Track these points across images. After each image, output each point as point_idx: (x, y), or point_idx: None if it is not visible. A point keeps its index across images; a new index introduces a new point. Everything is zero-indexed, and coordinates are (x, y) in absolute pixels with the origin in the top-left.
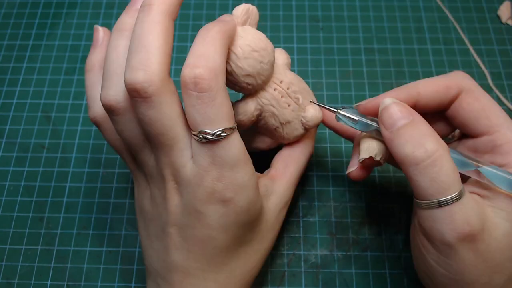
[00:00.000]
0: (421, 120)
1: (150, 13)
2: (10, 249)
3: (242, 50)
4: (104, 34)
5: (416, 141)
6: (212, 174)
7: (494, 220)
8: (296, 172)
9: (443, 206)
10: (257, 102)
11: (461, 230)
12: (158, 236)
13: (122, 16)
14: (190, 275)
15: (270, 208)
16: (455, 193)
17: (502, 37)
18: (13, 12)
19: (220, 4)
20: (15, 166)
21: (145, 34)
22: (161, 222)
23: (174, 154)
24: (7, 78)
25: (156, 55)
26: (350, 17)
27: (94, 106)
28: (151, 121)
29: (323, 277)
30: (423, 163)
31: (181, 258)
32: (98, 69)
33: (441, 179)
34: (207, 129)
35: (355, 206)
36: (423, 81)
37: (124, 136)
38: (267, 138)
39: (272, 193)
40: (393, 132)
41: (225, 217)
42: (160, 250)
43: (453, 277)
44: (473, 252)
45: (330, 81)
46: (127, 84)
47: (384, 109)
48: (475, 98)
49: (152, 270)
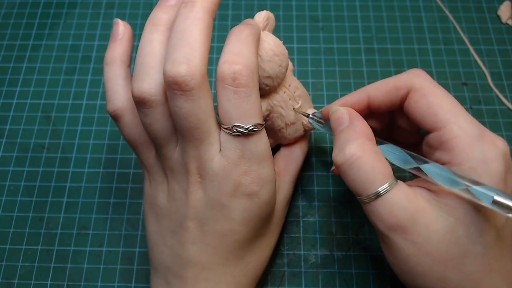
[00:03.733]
0: (355, 124)
1: (193, 9)
2: (10, 249)
3: (266, 53)
4: (125, 28)
5: (340, 146)
6: (240, 168)
7: (434, 214)
8: (296, 170)
9: (370, 201)
10: (268, 103)
11: (386, 222)
12: (173, 231)
13: (156, 11)
14: (206, 269)
15: (278, 203)
16: (376, 189)
17: (502, 37)
18: (13, 12)
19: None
20: (15, 166)
21: (188, 29)
22: (178, 217)
23: (203, 147)
24: (7, 78)
25: (198, 51)
26: (350, 17)
27: (114, 99)
28: (187, 114)
29: (323, 277)
30: (342, 166)
31: (198, 253)
32: (120, 62)
33: (361, 180)
34: (241, 123)
35: (355, 206)
36: (375, 83)
37: (152, 129)
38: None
39: (279, 189)
40: (334, 136)
41: (248, 211)
42: (174, 245)
43: (401, 266)
44: (410, 243)
45: (330, 81)
46: (169, 76)
47: (331, 114)
48: (422, 96)
49: (161, 267)
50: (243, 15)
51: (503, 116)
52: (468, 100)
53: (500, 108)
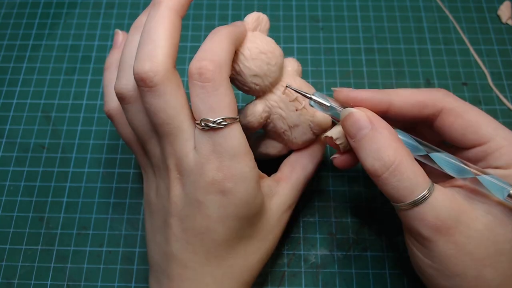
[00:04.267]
0: (380, 127)
1: (159, 9)
2: (10, 249)
3: (250, 51)
4: (123, 38)
5: (375, 154)
6: (212, 163)
7: (474, 213)
8: (303, 177)
9: (414, 206)
10: (265, 104)
11: (433, 225)
12: (161, 228)
13: (140, 15)
14: (188, 268)
15: (271, 208)
16: (421, 193)
17: (502, 37)
18: (13, 12)
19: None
20: (15, 166)
21: (153, 28)
22: (163, 213)
23: (177, 143)
24: (7, 78)
25: (162, 47)
26: (350, 17)
27: (109, 101)
28: (155, 109)
29: (323, 277)
30: (383, 175)
31: (180, 250)
32: (115, 67)
33: (404, 186)
34: (208, 117)
35: (355, 206)
36: (400, 92)
37: (133, 125)
38: (277, 143)
39: (276, 194)
40: (356, 142)
41: (223, 208)
42: (161, 242)
43: (439, 267)
44: (452, 244)
45: (330, 81)
46: (135, 73)
47: (346, 118)
48: (457, 116)
49: (154, 264)
50: (243, 15)
51: (503, 116)
52: (468, 100)
53: (500, 108)
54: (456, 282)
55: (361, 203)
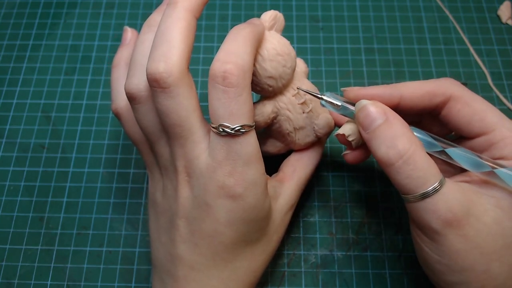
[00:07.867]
0: (394, 119)
1: (175, 9)
2: (10, 249)
3: (268, 52)
4: (132, 35)
5: (389, 142)
6: (225, 168)
7: (482, 206)
8: (304, 177)
9: (426, 198)
10: (274, 105)
11: (444, 218)
12: (166, 229)
13: (153, 14)
14: (195, 270)
15: (277, 209)
16: (433, 185)
17: (502, 37)
18: (13, 12)
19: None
20: (15, 166)
21: (168, 28)
22: (170, 214)
23: (188, 145)
24: (7, 78)
25: (177, 48)
26: (350, 17)
27: (117, 99)
28: (167, 110)
29: (323, 277)
30: (397, 163)
31: (187, 252)
32: (124, 65)
33: (417, 175)
34: (228, 123)
35: (355, 206)
36: (409, 84)
37: (143, 125)
38: (278, 142)
39: (280, 195)
40: (369, 133)
41: (232, 213)
42: (167, 243)
43: (447, 262)
44: (462, 238)
45: (330, 81)
46: (148, 73)
47: (360, 110)
48: (464, 104)
49: (157, 264)
50: (243, 15)
51: None
52: None
53: (500, 108)
54: (464, 277)
55: (361, 203)
